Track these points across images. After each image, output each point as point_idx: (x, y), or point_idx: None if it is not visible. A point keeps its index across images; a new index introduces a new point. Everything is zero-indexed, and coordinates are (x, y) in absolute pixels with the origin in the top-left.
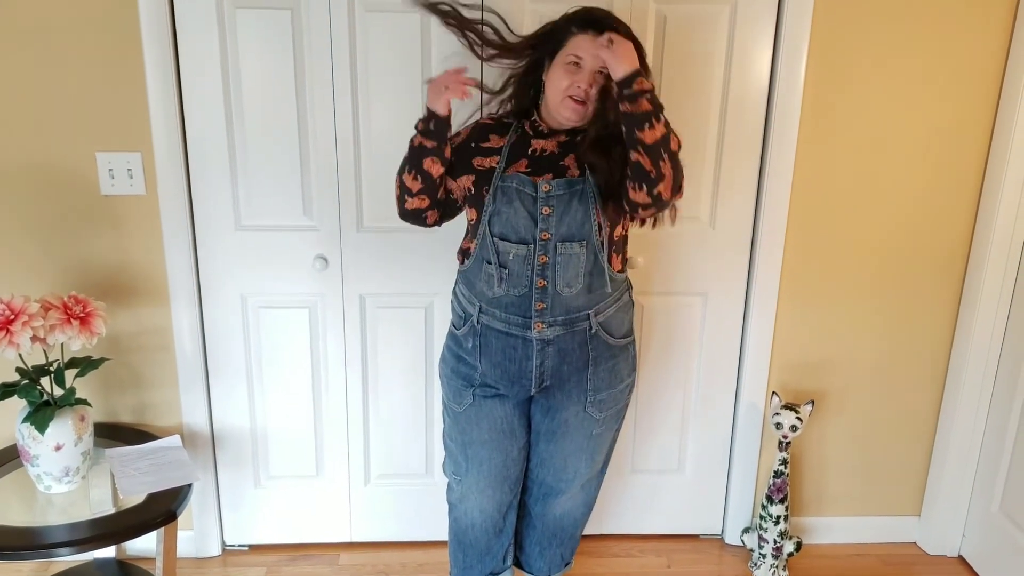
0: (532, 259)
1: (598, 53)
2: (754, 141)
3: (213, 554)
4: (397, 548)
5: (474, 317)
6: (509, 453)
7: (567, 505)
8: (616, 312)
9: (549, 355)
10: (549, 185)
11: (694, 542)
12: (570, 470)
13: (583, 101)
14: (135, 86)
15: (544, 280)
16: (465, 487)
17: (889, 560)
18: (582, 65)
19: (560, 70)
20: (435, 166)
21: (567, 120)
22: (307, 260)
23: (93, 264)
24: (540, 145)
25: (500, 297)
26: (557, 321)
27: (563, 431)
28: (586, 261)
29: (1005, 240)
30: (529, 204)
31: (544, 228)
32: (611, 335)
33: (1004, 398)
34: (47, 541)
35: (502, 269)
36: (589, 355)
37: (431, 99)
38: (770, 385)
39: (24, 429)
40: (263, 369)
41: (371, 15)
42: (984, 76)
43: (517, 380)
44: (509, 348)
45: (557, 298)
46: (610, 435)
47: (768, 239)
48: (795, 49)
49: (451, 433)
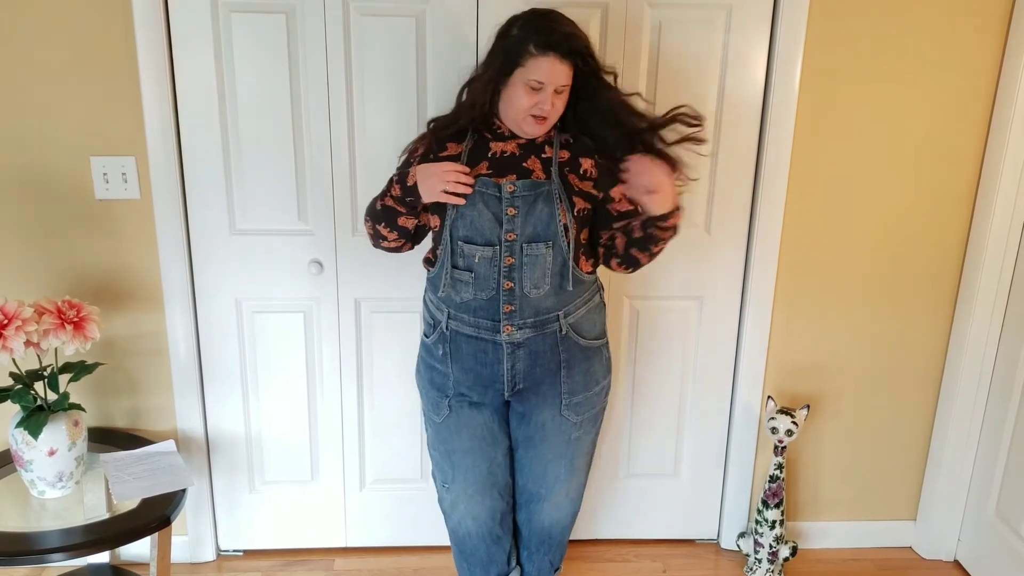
0: (498, 261)
1: (637, 200)
2: (749, 146)
3: (208, 559)
4: (392, 553)
5: (443, 323)
6: (494, 459)
7: (554, 514)
8: (587, 313)
9: (520, 358)
10: (514, 186)
11: (690, 547)
12: (550, 476)
13: (544, 118)
14: (129, 90)
15: (511, 282)
16: (454, 495)
17: (885, 564)
18: (544, 86)
19: (520, 89)
20: (409, 221)
21: (528, 135)
22: (302, 265)
23: (87, 269)
24: (500, 147)
25: (468, 301)
26: (526, 323)
27: (540, 436)
28: (553, 262)
29: (1000, 243)
30: (494, 205)
31: (509, 229)
32: (582, 336)
33: (999, 401)
34: (41, 546)
35: (468, 272)
36: (561, 357)
37: (423, 187)
38: (766, 389)
39: (18, 434)
40: (258, 374)
41: (366, 19)
42: (979, 80)
43: (490, 384)
44: (480, 352)
45: (525, 300)
46: (589, 439)
47: (763, 243)
48: (790, 54)
49: (434, 443)
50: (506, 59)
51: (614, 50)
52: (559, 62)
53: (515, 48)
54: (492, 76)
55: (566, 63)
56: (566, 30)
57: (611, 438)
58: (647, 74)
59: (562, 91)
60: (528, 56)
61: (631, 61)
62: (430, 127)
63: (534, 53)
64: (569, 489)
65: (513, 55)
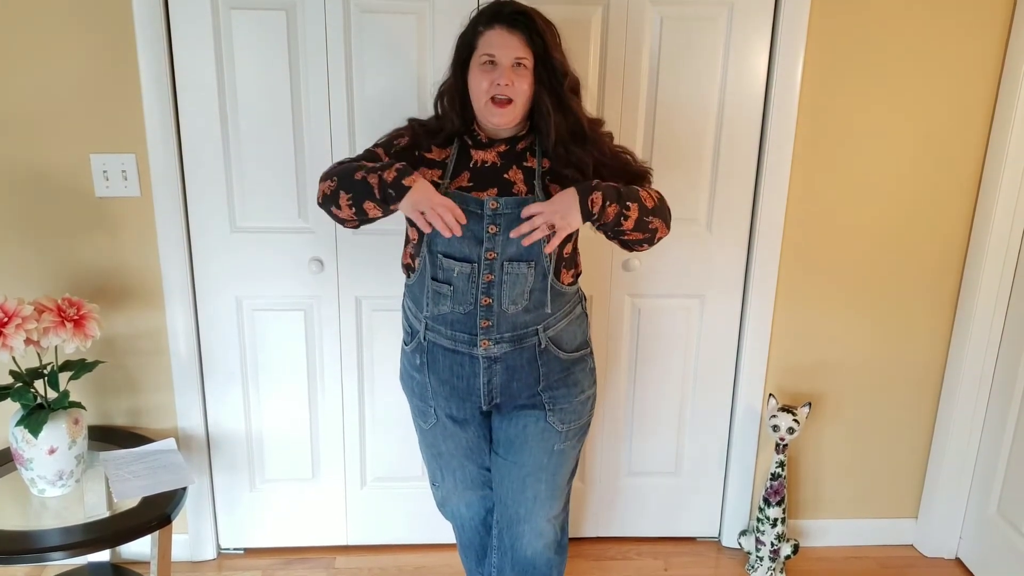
0: (477, 277)
1: (554, 228)
2: (751, 144)
3: (208, 558)
4: (393, 551)
5: (421, 333)
6: (482, 463)
7: (536, 544)
8: (567, 326)
9: (496, 372)
10: (497, 203)
11: (691, 545)
12: (529, 493)
13: (507, 101)
14: (129, 88)
15: (489, 298)
16: (445, 491)
17: (886, 562)
18: (497, 61)
19: (476, 72)
20: (374, 211)
21: (496, 125)
22: (302, 263)
23: (87, 266)
24: (481, 157)
25: (446, 314)
26: (504, 338)
27: (522, 439)
28: (533, 280)
29: (1002, 242)
30: (474, 223)
31: (490, 248)
32: (562, 349)
33: (1001, 399)
34: (41, 545)
35: (447, 285)
36: (540, 371)
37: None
38: (767, 387)
39: (18, 432)
40: (258, 372)
41: (366, 16)
42: (981, 78)
43: (466, 398)
44: (456, 365)
45: (503, 316)
46: (572, 455)
47: (765, 242)
48: (792, 51)
49: (422, 445)
50: (462, 48)
51: (615, 47)
52: (507, 32)
53: (467, 35)
54: (453, 72)
55: (516, 34)
56: (513, 7)
57: (612, 437)
58: (648, 72)
59: (520, 67)
60: (479, 36)
61: (632, 58)
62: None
63: (482, 30)
64: (550, 513)
65: (467, 41)
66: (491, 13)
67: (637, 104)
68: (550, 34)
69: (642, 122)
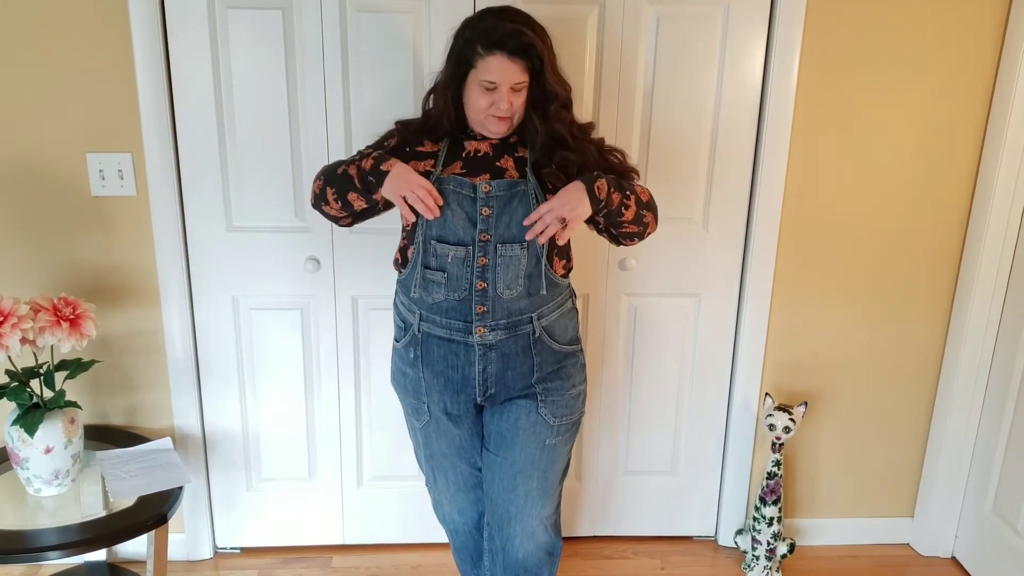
0: (471, 261)
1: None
2: (747, 142)
3: (205, 557)
4: (390, 550)
5: (415, 326)
6: (474, 463)
7: (528, 545)
8: (559, 317)
9: (492, 360)
10: (489, 186)
11: (687, 544)
12: (520, 489)
13: (507, 116)
14: (126, 86)
15: (484, 282)
16: (438, 494)
17: (882, 561)
18: (498, 87)
19: (476, 91)
20: (359, 202)
21: (493, 134)
22: (299, 261)
23: (83, 265)
24: (474, 147)
25: (440, 302)
26: (499, 325)
27: (513, 433)
28: (526, 263)
29: (998, 239)
30: (468, 205)
31: (484, 229)
32: (555, 340)
33: (997, 398)
34: (37, 544)
35: (441, 273)
36: (534, 360)
37: (390, 182)
38: (763, 386)
39: (13, 432)
40: (255, 371)
41: (363, 15)
42: (977, 76)
43: (461, 390)
44: (451, 355)
45: (498, 301)
46: (563, 451)
47: (761, 240)
48: (788, 49)
49: (416, 447)
50: (459, 63)
51: (612, 46)
52: (508, 60)
53: (464, 51)
54: (448, 82)
55: (516, 61)
56: (511, 27)
57: (609, 435)
58: (644, 70)
59: (519, 88)
60: (477, 57)
61: (628, 57)
62: (398, 127)
63: (482, 54)
64: (542, 513)
65: (464, 58)
66: (494, 40)
67: (633, 103)
68: (548, 54)
69: (638, 121)
